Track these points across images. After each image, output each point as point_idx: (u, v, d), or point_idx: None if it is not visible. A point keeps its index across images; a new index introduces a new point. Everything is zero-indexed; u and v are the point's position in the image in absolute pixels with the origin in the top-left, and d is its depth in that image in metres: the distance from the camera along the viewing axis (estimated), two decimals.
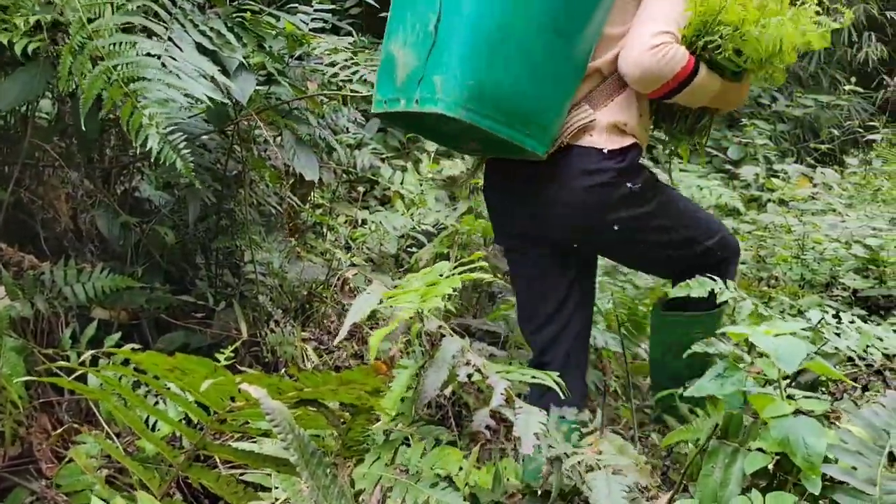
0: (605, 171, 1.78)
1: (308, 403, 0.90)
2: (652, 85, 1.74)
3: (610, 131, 1.78)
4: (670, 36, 1.70)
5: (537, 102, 1.71)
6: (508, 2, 1.64)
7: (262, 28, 2.18)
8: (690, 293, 1.74)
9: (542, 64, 1.69)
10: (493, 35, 1.63)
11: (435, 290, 1.31)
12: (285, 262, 2.51)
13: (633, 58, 1.71)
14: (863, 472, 1.32)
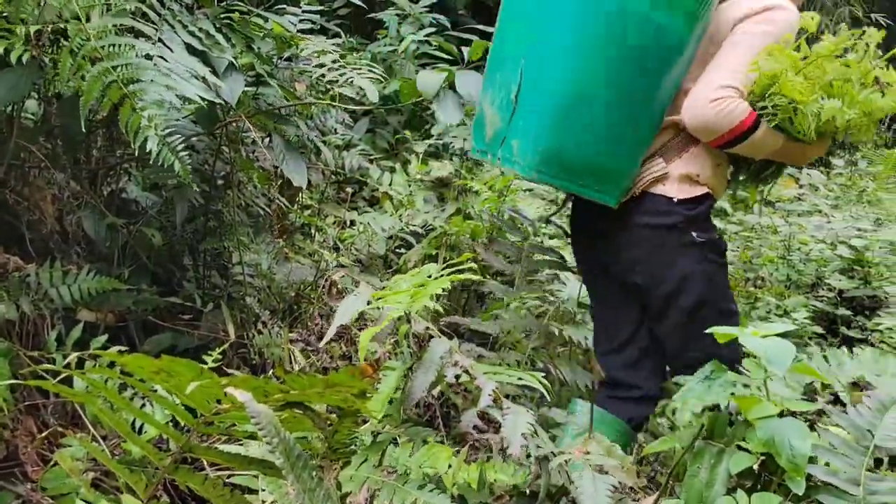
0: (673, 214, 1.85)
1: (294, 406, 0.89)
2: (708, 135, 1.80)
3: (682, 181, 1.86)
4: (733, 90, 1.75)
5: (611, 162, 1.80)
6: (584, 77, 1.72)
7: (250, 29, 2.18)
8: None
9: (614, 130, 1.77)
10: (567, 106, 1.73)
11: (423, 291, 1.31)
12: (273, 263, 2.51)
13: (694, 108, 1.78)
14: (847, 472, 1.33)
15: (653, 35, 1.72)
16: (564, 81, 1.73)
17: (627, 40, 1.71)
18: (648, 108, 1.81)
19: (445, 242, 3.03)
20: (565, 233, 2.46)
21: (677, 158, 1.87)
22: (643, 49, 1.72)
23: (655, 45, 1.73)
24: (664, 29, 1.72)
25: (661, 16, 1.70)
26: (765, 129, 1.78)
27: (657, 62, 1.75)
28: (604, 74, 1.73)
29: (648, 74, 1.76)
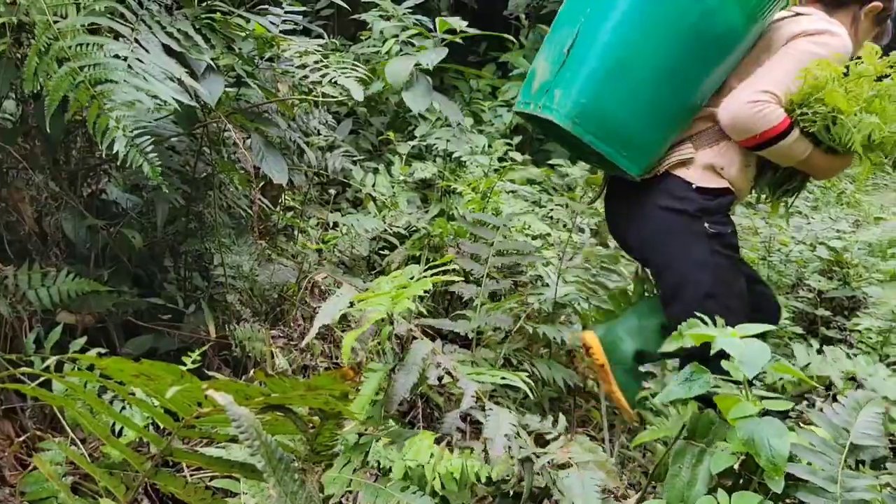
0: (689, 200, 1.94)
1: (276, 409, 0.89)
2: (740, 134, 1.90)
3: (705, 170, 1.96)
4: (772, 96, 1.85)
5: (639, 132, 1.91)
6: (635, 43, 1.84)
7: (231, 30, 2.16)
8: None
9: (652, 102, 1.89)
10: (614, 67, 1.85)
11: (405, 292, 1.31)
12: (255, 264, 2.49)
13: (732, 106, 1.88)
14: (824, 470, 1.34)
15: (708, 23, 1.83)
16: (616, 46, 1.85)
17: (683, 20, 1.82)
18: (689, 91, 1.91)
19: (428, 244, 3.04)
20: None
21: (707, 148, 1.97)
22: (696, 34, 1.84)
23: (709, 32, 1.84)
24: (721, 19, 1.83)
25: (720, 7, 1.82)
26: (796, 136, 1.87)
27: (707, 50, 1.87)
28: (653, 47, 1.85)
29: (696, 59, 1.87)
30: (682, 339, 1.66)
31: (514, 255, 2.52)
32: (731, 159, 1.96)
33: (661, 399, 1.46)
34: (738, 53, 1.93)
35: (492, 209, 3.08)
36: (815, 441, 1.39)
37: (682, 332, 1.61)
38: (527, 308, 2.50)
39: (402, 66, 2.22)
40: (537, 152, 4.85)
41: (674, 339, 1.63)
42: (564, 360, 2.63)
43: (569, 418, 2.51)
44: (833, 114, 1.81)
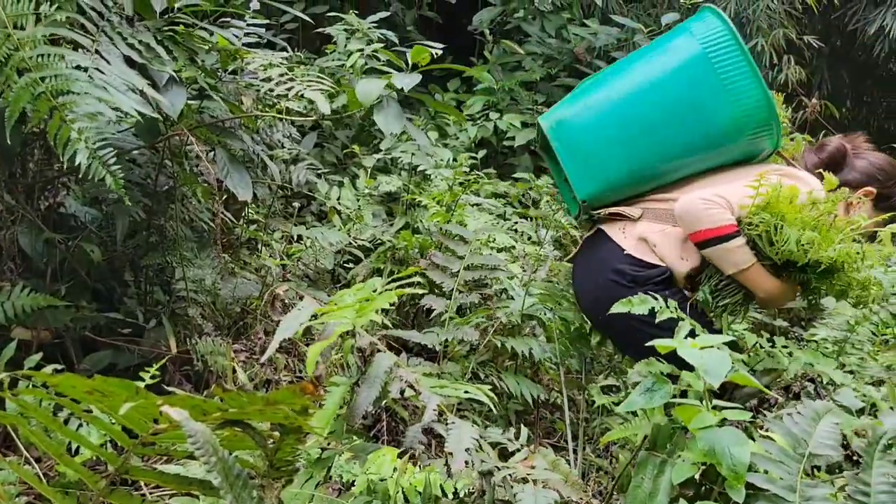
0: (622, 273, 2.06)
1: (234, 424, 0.88)
2: (687, 226, 1.99)
3: (639, 240, 2.09)
4: (725, 202, 1.95)
5: (596, 158, 2.09)
6: (637, 94, 2.07)
7: (194, 42, 2.15)
8: (632, 310, 1.78)
9: (622, 142, 2.07)
10: (606, 104, 2.09)
11: (369, 305, 1.31)
12: (218, 278, 2.47)
13: (686, 198, 1.99)
14: (783, 479, 1.36)
15: (703, 108, 2.03)
16: (621, 89, 2.09)
17: (685, 96, 2.03)
18: (656, 157, 2.09)
19: (393, 257, 3.03)
20: None
21: (650, 222, 2.10)
22: (687, 116, 2.04)
23: (695, 123, 2.04)
24: (716, 115, 2.03)
25: (720, 104, 2.02)
26: (739, 243, 1.95)
27: (687, 133, 2.05)
28: (649, 104, 2.05)
29: (675, 134, 2.05)
30: (630, 305, 1.79)
31: (482, 269, 2.52)
32: (667, 241, 2.06)
33: (623, 409, 1.47)
34: (710, 155, 2.09)
35: (457, 222, 3.09)
36: (775, 450, 1.41)
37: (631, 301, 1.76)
38: (494, 322, 2.51)
39: (373, 86, 2.22)
40: (502, 166, 4.89)
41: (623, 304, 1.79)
42: (530, 373, 2.64)
43: (534, 430, 2.52)
44: (777, 222, 1.89)
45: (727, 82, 2.00)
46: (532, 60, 5.15)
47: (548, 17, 5.22)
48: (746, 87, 2.00)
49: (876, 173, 2.18)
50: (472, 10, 5.32)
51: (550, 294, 2.60)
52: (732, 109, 2.02)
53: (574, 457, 2.23)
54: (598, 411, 2.49)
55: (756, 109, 2.02)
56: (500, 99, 4.96)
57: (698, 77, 2.03)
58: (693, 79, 2.03)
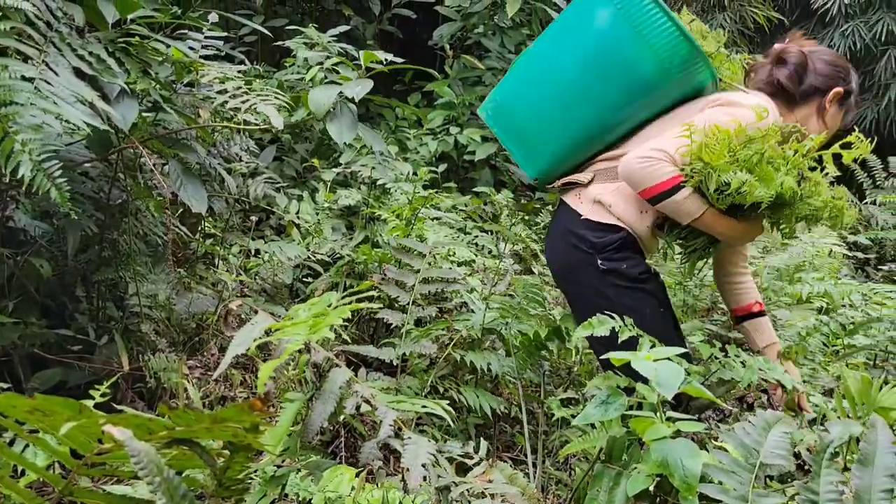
0: (582, 239, 2.05)
1: (182, 443, 0.86)
2: (632, 186, 1.97)
3: (594, 204, 2.06)
4: (664, 154, 1.91)
5: (535, 135, 2.13)
6: (548, 57, 2.08)
7: (147, 54, 2.12)
8: (595, 332, 1.75)
9: (551, 112, 2.08)
10: (528, 76, 2.11)
11: (323, 321, 1.29)
12: (173, 293, 2.42)
13: (625, 159, 1.96)
14: (736, 489, 1.38)
15: (625, 60, 1.98)
16: (534, 57, 2.12)
17: (592, 46, 2.01)
18: (591, 117, 2.06)
19: (353, 271, 3.01)
20: None
21: (602, 183, 2.07)
22: (610, 65, 1.99)
23: (620, 75, 2.00)
24: (638, 64, 1.97)
25: (635, 50, 1.97)
26: (686, 194, 1.91)
27: (614, 82, 2.01)
28: (563, 64, 2.05)
29: (603, 89, 2.02)
30: (591, 328, 1.76)
31: (439, 283, 2.52)
32: (622, 199, 2.03)
33: (579, 421, 1.48)
34: (644, 104, 2.04)
35: (416, 236, 3.08)
36: (727, 461, 1.43)
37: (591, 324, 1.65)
38: (454, 335, 2.51)
39: (324, 95, 2.21)
40: (463, 180, 4.91)
41: (585, 328, 1.76)
42: (490, 387, 2.64)
43: (494, 444, 2.51)
44: (707, 168, 1.86)
45: (639, 28, 1.95)
46: (492, 75, 5.19)
47: (507, 32, 5.27)
48: (659, 28, 1.95)
49: (837, 72, 2.13)
50: (432, 26, 5.35)
51: (510, 307, 2.61)
52: (652, 53, 1.96)
53: (533, 470, 2.23)
54: (557, 424, 2.50)
55: (675, 47, 1.96)
56: (460, 113, 4.99)
57: (611, 31, 1.99)
58: (606, 34, 1.99)
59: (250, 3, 4.94)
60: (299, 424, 1.46)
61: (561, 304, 3.70)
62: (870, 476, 1.27)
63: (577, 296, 2.13)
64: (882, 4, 7.74)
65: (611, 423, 1.62)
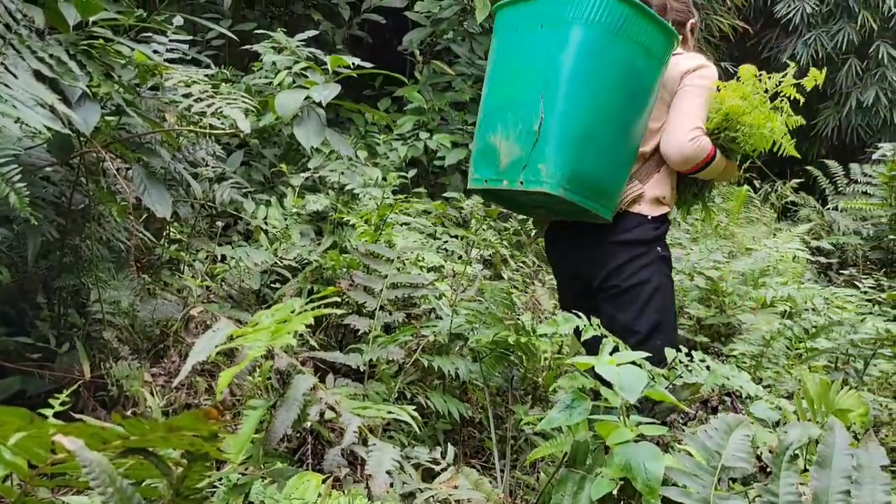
0: (647, 231, 2.28)
1: (137, 452, 0.85)
2: (687, 165, 2.26)
3: (653, 202, 2.29)
4: (700, 130, 2.23)
5: (610, 183, 2.21)
6: (592, 111, 2.11)
7: (110, 57, 2.09)
8: (559, 330, 1.94)
9: (614, 154, 2.19)
10: (579, 133, 2.10)
11: (286, 327, 1.28)
12: (136, 300, 2.39)
13: (677, 146, 2.23)
14: (698, 492, 1.40)
15: (639, 79, 2.15)
16: (573, 113, 2.10)
17: (625, 85, 2.13)
18: (634, 136, 2.23)
19: (321, 276, 3.00)
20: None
21: (648, 181, 2.29)
22: (633, 91, 2.15)
23: (640, 87, 2.16)
24: (646, 74, 2.16)
25: (645, 63, 2.14)
26: (719, 155, 2.28)
27: (641, 101, 2.18)
28: (607, 112, 2.14)
29: (635, 111, 2.19)
30: (555, 326, 1.96)
31: (407, 288, 2.52)
32: (666, 186, 2.32)
33: (543, 426, 1.49)
34: (656, 96, 2.23)
35: (385, 241, 3.08)
36: (690, 464, 1.45)
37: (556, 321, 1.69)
38: (421, 340, 2.50)
39: (291, 99, 2.19)
40: (433, 185, 4.91)
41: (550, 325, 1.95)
42: (458, 392, 2.64)
43: (461, 449, 2.51)
44: (753, 129, 2.23)
45: (639, 41, 2.10)
46: (462, 81, 5.21)
47: (477, 38, 5.29)
48: (652, 34, 2.12)
49: (686, 7, 2.45)
50: (402, 31, 5.35)
51: (478, 313, 2.62)
52: (653, 59, 2.16)
53: (501, 475, 2.24)
54: (526, 429, 2.51)
55: (667, 44, 2.17)
56: (430, 119, 4.99)
57: (620, 55, 2.10)
58: (619, 60, 2.10)
59: (218, 7, 4.89)
60: (263, 432, 1.44)
61: (530, 308, 3.71)
62: (827, 477, 1.29)
63: (638, 283, 2.28)
64: (843, 15, 7.91)
65: (577, 427, 1.63)
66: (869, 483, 1.26)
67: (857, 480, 1.28)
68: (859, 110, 7.78)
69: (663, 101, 2.27)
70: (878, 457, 1.31)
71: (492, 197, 2.54)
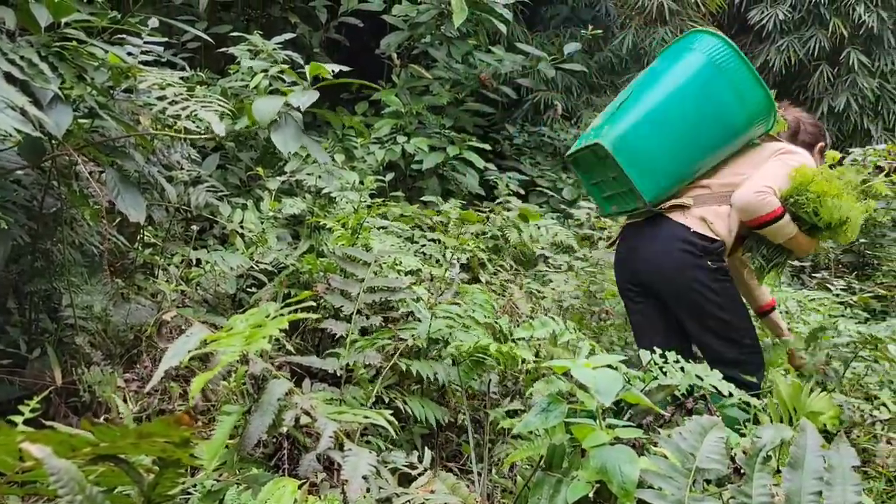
0: (694, 244, 2.61)
1: (108, 459, 0.84)
2: (748, 215, 2.59)
3: (699, 221, 2.63)
4: (772, 190, 2.57)
5: (656, 165, 2.61)
6: (675, 111, 2.59)
7: (83, 59, 2.06)
8: (534, 334, 2.27)
9: (672, 148, 2.60)
10: (655, 118, 2.58)
11: (260, 331, 1.27)
12: (110, 304, 2.36)
13: (744, 195, 2.58)
14: (672, 494, 1.40)
15: (722, 111, 2.61)
16: (660, 108, 2.60)
17: (706, 106, 2.60)
18: (698, 154, 2.64)
19: (298, 281, 2.98)
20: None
21: (703, 206, 2.65)
22: (713, 115, 2.61)
23: (720, 118, 2.62)
24: (729, 111, 2.62)
25: (732, 101, 2.61)
26: (787, 220, 2.58)
27: (717, 130, 2.63)
28: (685, 117, 2.59)
29: (708, 133, 2.62)
30: (532, 329, 2.23)
31: (384, 292, 2.51)
32: (720, 220, 2.64)
33: (520, 429, 1.49)
34: (732, 146, 2.66)
35: (362, 245, 3.07)
36: (664, 466, 1.46)
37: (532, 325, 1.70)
38: (399, 344, 2.49)
39: (268, 105, 2.18)
40: (410, 189, 4.90)
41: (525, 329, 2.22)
42: (436, 396, 2.63)
43: (439, 454, 2.51)
44: (820, 198, 2.54)
45: (737, 87, 2.59)
46: (440, 85, 5.21)
47: (455, 43, 5.30)
48: (751, 90, 2.61)
49: (819, 131, 2.91)
50: (379, 34, 5.34)
51: (456, 316, 2.61)
52: (743, 108, 2.62)
53: (478, 479, 2.23)
54: (504, 432, 2.51)
55: (760, 106, 2.64)
56: (407, 122, 4.99)
57: (714, 86, 2.59)
58: (710, 88, 2.59)
59: (193, 9, 4.86)
60: (238, 438, 1.43)
61: (508, 311, 3.72)
62: (799, 479, 1.31)
63: (681, 290, 2.65)
64: (815, 21, 8.03)
65: (554, 430, 1.64)
66: (840, 483, 1.28)
67: (828, 481, 1.30)
68: (831, 116, 7.89)
69: (751, 163, 2.67)
70: (848, 458, 1.33)
71: (580, 168, 2.88)
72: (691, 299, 2.66)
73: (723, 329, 2.65)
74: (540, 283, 4.03)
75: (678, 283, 2.66)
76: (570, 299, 3.68)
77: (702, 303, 2.64)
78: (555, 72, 5.76)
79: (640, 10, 6.77)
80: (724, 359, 2.62)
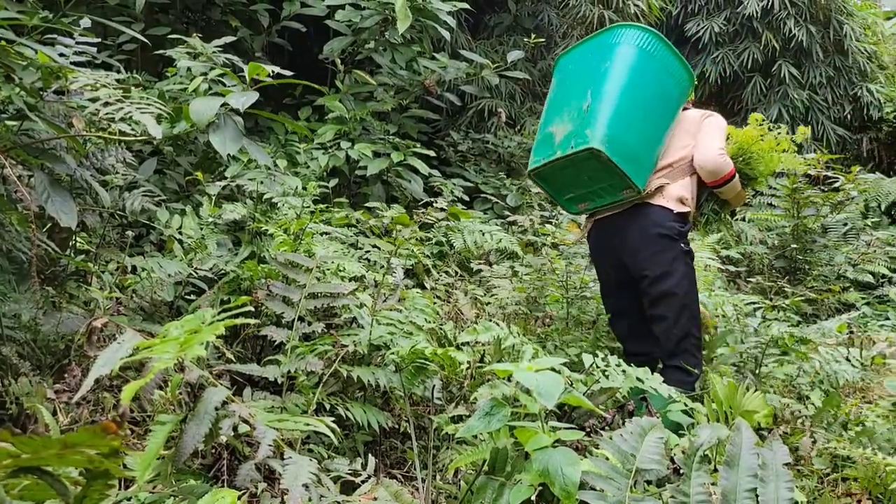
0: (671, 227, 2.84)
1: (31, 471, 0.80)
2: (713, 176, 2.91)
3: (676, 201, 2.87)
4: (725, 150, 2.92)
5: (642, 153, 2.83)
6: (627, 97, 2.78)
7: (10, 58, 1.99)
8: (479, 338, 2.42)
9: (644, 132, 2.83)
10: (624, 111, 2.76)
11: (196, 338, 1.24)
12: (39, 313, 2.27)
13: (710, 157, 2.87)
14: (613, 495, 1.42)
15: (664, 89, 2.89)
16: (622, 100, 2.77)
17: (655, 87, 2.87)
18: (661, 134, 2.89)
19: (239, 287, 2.92)
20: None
21: (675, 183, 2.89)
22: (665, 101, 2.90)
23: (665, 95, 2.89)
24: (675, 99, 2.93)
25: (669, 80, 2.91)
26: (737, 178, 2.96)
27: (667, 112, 2.92)
28: (640, 101, 2.81)
29: (663, 115, 2.90)
30: (476, 334, 2.36)
31: (326, 298, 2.48)
32: (690, 193, 2.90)
33: (463, 433, 1.48)
34: (675, 121, 2.94)
35: (304, 251, 3.02)
36: (605, 467, 1.47)
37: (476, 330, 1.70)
38: (341, 351, 2.46)
39: (206, 105, 2.13)
40: (354, 195, 4.87)
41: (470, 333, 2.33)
42: (380, 403, 2.61)
43: (383, 461, 2.48)
44: (761, 156, 3.07)
45: (667, 67, 2.88)
46: (384, 91, 5.19)
47: (399, 49, 5.29)
48: (677, 66, 2.91)
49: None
50: (322, 40, 5.30)
51: (398, 322, 2.60)
52: (677, 85, 2.91)
53: (423, 485, 2.22)
54: (448, 438, 2.50)
55: (686, 79, 2.95)
56: (351, 128, 4.95)
57: (651, 71, 2.84)
58: (649, 73, 2.83)
59: (130, 10, 4.73)
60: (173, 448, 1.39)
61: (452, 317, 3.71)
62: (735, 476, 1.33)
63: (666, 272, 2.83)
64: (748, 35, 8.29)
65: (498, 434, 1.64)
66: (773, 480, 1.31)
67: (762, 478, 1.33)
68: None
69: (688, 133, 2.94)
70: (781, 455, 1.37)
71: (545, 179, 3.02)
72: (661, 280, 2.83)
73: (679, 313, 2.83)
74: (483, 289, 4.04)
75: (654, 264, 2.84)
76: (513, 305, 3.70)
77: (670, 285, 2.82)
78: (498, 79, 5.81)
79: (582, 20, 6.88)
80: (673, 347, 2.82)
